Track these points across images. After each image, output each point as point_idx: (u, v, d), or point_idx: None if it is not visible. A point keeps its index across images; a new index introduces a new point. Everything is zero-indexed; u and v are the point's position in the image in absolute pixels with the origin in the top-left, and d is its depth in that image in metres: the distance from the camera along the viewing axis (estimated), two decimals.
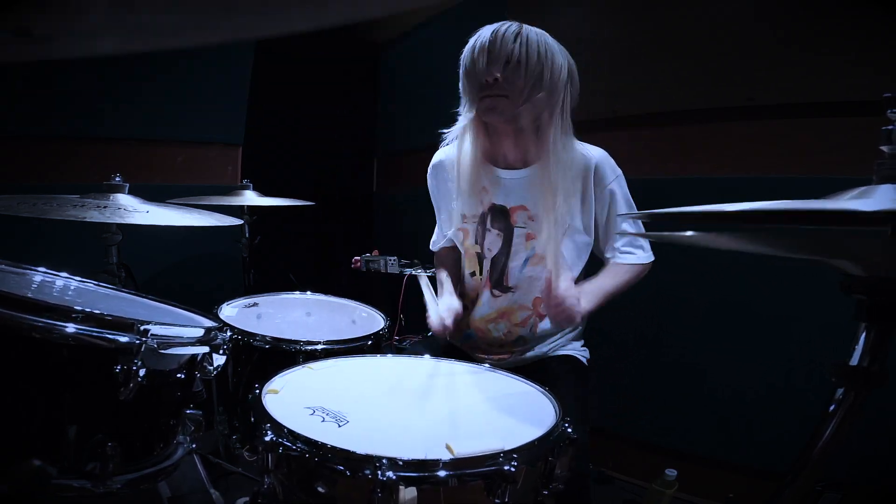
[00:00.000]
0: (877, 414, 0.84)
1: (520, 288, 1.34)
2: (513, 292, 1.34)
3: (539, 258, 1.31)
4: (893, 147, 0.67)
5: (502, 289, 1.35)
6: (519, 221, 1.32)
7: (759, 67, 1.72)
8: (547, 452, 0.82)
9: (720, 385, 1.84)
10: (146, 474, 0.93)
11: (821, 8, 1.59)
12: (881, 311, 0.69)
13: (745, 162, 1.79)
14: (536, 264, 1.31)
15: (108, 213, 1.17)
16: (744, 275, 1.77)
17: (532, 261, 1.32)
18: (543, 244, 1.28)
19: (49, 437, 0.83)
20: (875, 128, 0.71)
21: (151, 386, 0.88)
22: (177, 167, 2.45)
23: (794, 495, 0.74)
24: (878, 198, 0.65)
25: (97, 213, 1.15)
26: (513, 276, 1.34)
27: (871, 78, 1.50)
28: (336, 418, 0.87)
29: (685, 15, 1.85)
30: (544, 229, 1.27)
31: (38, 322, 0.79)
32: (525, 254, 1.32)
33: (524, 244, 1.31)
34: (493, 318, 1.37)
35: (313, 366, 1.11)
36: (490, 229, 1.35)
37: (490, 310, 1.37)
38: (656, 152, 1.96)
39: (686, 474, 1.72)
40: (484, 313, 1.38)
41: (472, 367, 1.17)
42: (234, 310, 1.57)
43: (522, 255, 1.32)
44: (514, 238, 1.32)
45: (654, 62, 1.93)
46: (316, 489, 0.76)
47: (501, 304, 1.36)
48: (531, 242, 1.31)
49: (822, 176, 1.59)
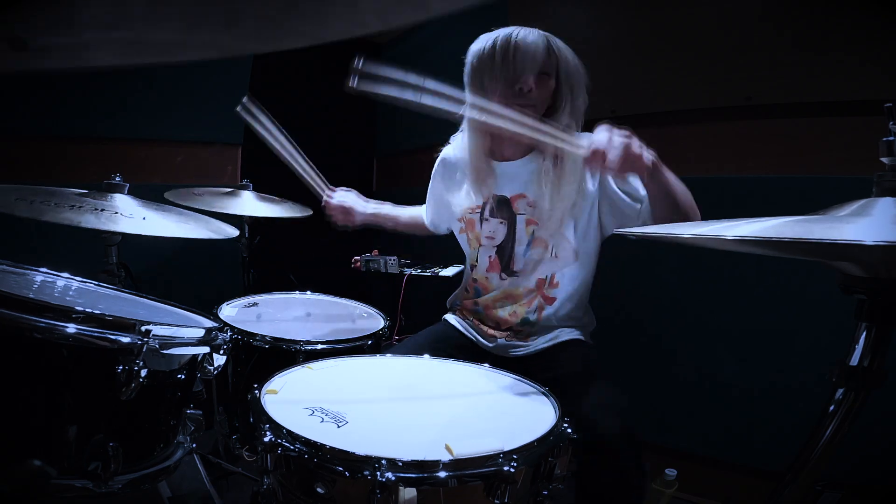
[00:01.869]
0: (877, 414, 0.84)
1: (524, 271, 1.40)
2: (518, 276, 1.40)
3: (540, 242, 1.37)
4: (893, 159, 0.67)
5: (509, 272, 1.41)
6: (521, 209, 1.37)
7: (758, 67, 1.72)
8: (547, 453, 0.82)
9: (720, 385, 1.84)
10: (147, 474, 0.93)
11: (820, 7, 1.59)
12: (881, 311, 0.70)
13: (745, 161, 1.79)
14: (538, 247, 1.37)
15: (105, 218, 1.17)
16: (744, 274, 1.77)
17: (534, 244, 1.38)
18: (545, 229, 1.34)
19: (49, 437, 0.83)
20: (875, 127, 0.71)
21: (152, 386, 0.89)
22: (176, 167, 2.45)
23: (794, 495, 0.74)
24: (878, 213, 0.65)
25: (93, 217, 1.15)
26: (518, 261, 1.40)
27: (872, 77, 1.50)
28: (335, 419, 0.87)
29: (685, 15, 1.85)
30: (545, 215, 1.33)
31: (40, 322, 0.79)
32: (528, 239, 1.38)
33: (526, 230, 1.38)
34: (499, 298, 1.44)
35: (313, 366, 1.11)
36: (489, 219, 1.42)
37: (498, 291, 1.44)
38: (655, 152, 1.96)
39: (686, 474, 1.72)
40: (492, 294, 1.45)
41: (472, 367, 1.17)
42: (234, 310, 1.57)
43: (525, 240, 1.38)
44: (518, 225, 1.38)
45: (654, 62, 1.93)
46: (315, 490, 0.76)
47: (508, 286, 1.42)
48: (531, 228, 1.37)
49: (822, 176, 1.59)
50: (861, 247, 0.56)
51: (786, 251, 0.84)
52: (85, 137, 2.22)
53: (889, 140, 0.68)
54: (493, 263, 1.43)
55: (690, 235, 0.68)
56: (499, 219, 1.40)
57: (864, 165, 0.74)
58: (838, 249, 0.61)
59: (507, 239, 1.40)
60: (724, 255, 1.68)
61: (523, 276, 1.40)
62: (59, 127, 2.17)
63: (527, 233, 1.37)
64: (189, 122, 2.44)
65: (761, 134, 1.76)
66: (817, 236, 0.59)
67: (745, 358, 1.79)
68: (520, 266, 1.39)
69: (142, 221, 1.23)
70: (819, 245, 0.59)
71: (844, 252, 0.65)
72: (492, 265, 1.43)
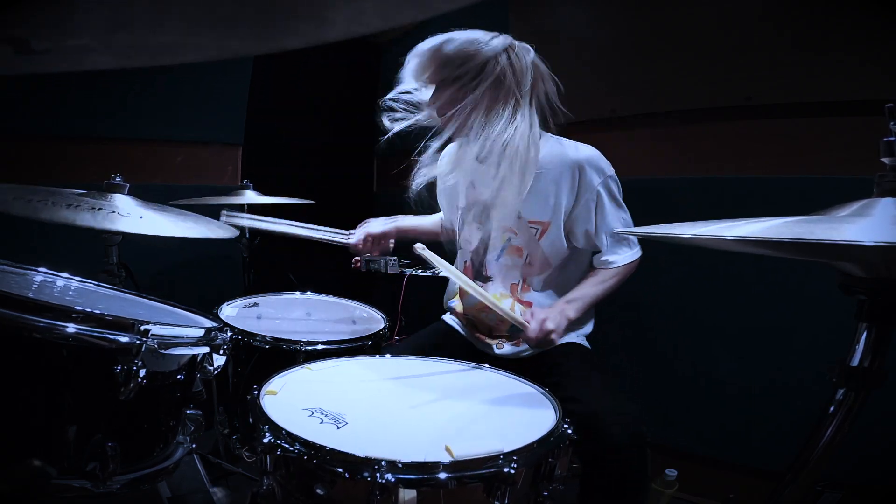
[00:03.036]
0: (877, 414, 0.83)
1: (496, 276, 1.38)
2: (492, 281, 1.39)
3: (515, 249, 1.34)
4: (894, 159, 0.67)
5: (483, 279, 1.40)
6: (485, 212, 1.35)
7: (758, 67, 1.72)
8: (547, 454, 0.82)
9: (720, 385, 1.84)
10: (146, 474, 0.93)
11: (820, 7, 1.59)
12: (881, 311, 0.70)
13: (745, 162, 1.79)
14: (511, 255, 1.36)
15: (101, 217, 1.17)
16: (744, 274, 1.77)
17: (508, 252, 1.36)
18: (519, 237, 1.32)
19: (49, 437, 0.83)
20: (875, 127, 0.71)
21: (151, 386, 0.88)
22: (177, 167, 2.45)
23: (794, 495, 0.74)
24: (878, 214, 0.65)
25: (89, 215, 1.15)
26: (490, 266, 1.39)
27: (872, 77, 1.50)
28: (335, 420, 0.87)
29: (685, 15, 1.85)
30: (493, 219, 1.30)
31: (39, 322, 0.79)
32: (501, 245, 1.36)
33: (501, 237, 1.36)
34: (481, 308, 1.40)
35: (312, 366, 1.11)
36: (470, 222, 1.41)
37: (475, 301, 1.39)
38: (655, 152, 1.96)
39: (686, 474, 1.72)
40: (472, 303, 1.42)
41: (472, 367, 1.17)
42: (234, 310, 1.57)
43: (499, 247, 1.36)
44: (493, 231, 1.36)
45: (654, 62, 1.93)
46: (314, 491, 0.76)
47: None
48: (507, 235, 1.35)
49: (822, 176, 1.59)
50: (861, 247, 0.56)
51: (786, 252, 0.84)
52: (85, 137, 2.22)
53: (889, 140, 0.68)
54: (467, 269, 1.43)
55: (690, 235, 0.68)
56: (476, 224, 1.39)
57: (864, 166, 0.74)
58: (839, 250, 0.61)
59: (480, 244, 1.39)
60: (722, 254, 1.67)
61: (496, 281, 1.38)
62: (59, 127, 2.18)
63: (502, 239, 1.35)
64: (189, 122, 2.44)
65: (761, 134, 1.76)
66: (818, 237, 0.59)
67: (744, 356, 1.78)
68: (491, 272, 1.38)
69: (139, 220, 1.24)
70: (819, 245, 0.59)
71: (845, 252, 0.64)
72: (465, 270, 1.43)
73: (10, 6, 0.42)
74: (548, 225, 1.31)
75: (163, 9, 0.41)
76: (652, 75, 1.93)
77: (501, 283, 1.38)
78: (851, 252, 0.62)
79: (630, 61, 1.99)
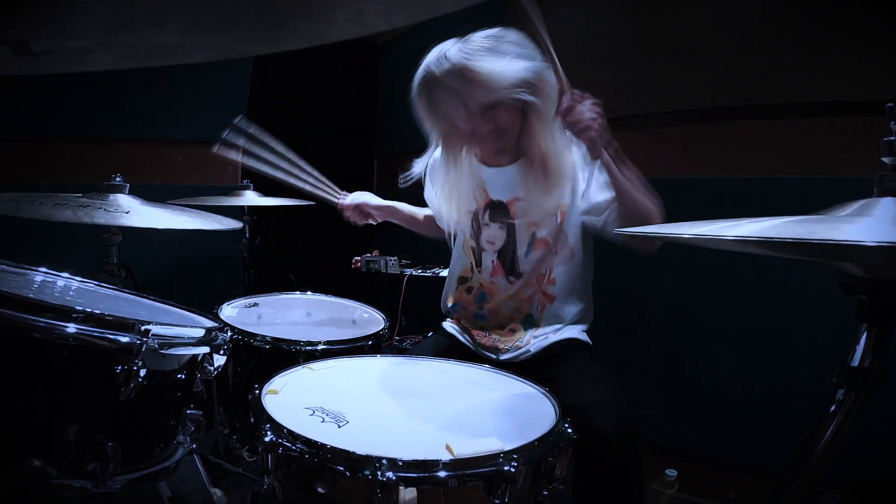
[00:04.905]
0: (877, 414, 0.83)
1: (528, 272, 1.41)
2: (524, 277, 1.41)
3: (541, 242, 1.38)
4: (894, 159, 0.67)
5: (516, 275, 1.42)
6: (518, 213, 1.38)
7: (758, 67, 1.72)
8: (547, 453, 0.82)
9: (720, 385, 1.84)
10: (146, 474, 0.93)
11: (820, 7, 1.59)
12: (881, 311, 0.69)
13: (745, 161, 1.79)
14: (539, 248, 1.39)
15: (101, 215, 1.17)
16: (744, 274, 1.77)
17: (535, 246, 1.39)
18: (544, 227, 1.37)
19: (49, 437, 0.83)
20: (875, 127, 0.71)
21: (152, 386, 0.88)
22: (177, 167, 2.45)
23: (794, 495, 0.74)
24: (878, 213, 0.65)
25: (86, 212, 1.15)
26: (522, 263, 1.41)
27: (872, 77, 1.50)
28: (336, 419, 0.87)
29: (685, 15, 1.85)
30: (541, 216, 1.36)
31: (39, 322, 0.79)
32: (528, 240, 1.39)
33: (526, 232, 1.39)
34: (505, 300, 1.44)
35: (313, 366, 1.11)
36: (489, 224, 1.43)
37: (505, 294, 1.44)
38: (655, 152, 1.96)
39: (686, 474, 1.72)
40: (499, 297, 1.45)
41: (472, 367, 1.17)
42: (234, 310, 1.57)
43: (526, 242, 1.39)
44: (517, 228, 1.39)
45: (654, 62, 1.93)
46: (316, 490, 0.76)
47: (515, 288, 1.43)
48: (531, 230, 1.38)
49: (823, 176, 1.59)
50: (862, 247, 0.56)
51: (787, 252, 0.84)
52: (85, 137, 2.23)
53: (890, 140, 0.67)
54: (497, 268, 1.44)
55: (690, 235, 0.68)
56: (498, 224, 1.41)
57: (864, 165, 0.74)
58: (839, 250, 0.61)
59: (507, 243, 1.41)
60: (723, 253, 1.67)
61: (527, 276, 1.41)
62: (59, 127, 2.18)
63: (528, 235, 1.39)
64: (189, 122, 2.44)
65: (761, 134, 1.76)
66: (818, 237, 0.59)
67: (746, 355, 1.79)
68: (525, 268, 1.41)
69: (139, 217, 1.24)
70: (820, 245, 0.59)
71: (845, 252, 0.64)
72: (495, 269, 1.44)
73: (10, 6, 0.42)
74: (566, 208, 1.35)
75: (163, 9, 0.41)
76: (652, 75, 1.94)
77: (531, 277, 1.41)
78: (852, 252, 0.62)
79: (630, 61, 1.99)
